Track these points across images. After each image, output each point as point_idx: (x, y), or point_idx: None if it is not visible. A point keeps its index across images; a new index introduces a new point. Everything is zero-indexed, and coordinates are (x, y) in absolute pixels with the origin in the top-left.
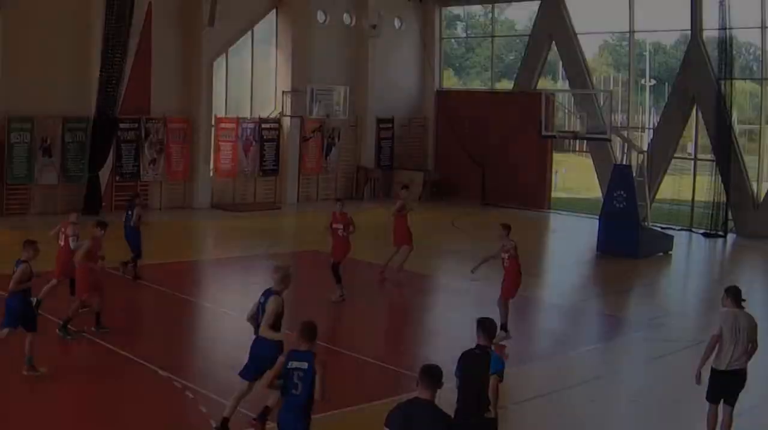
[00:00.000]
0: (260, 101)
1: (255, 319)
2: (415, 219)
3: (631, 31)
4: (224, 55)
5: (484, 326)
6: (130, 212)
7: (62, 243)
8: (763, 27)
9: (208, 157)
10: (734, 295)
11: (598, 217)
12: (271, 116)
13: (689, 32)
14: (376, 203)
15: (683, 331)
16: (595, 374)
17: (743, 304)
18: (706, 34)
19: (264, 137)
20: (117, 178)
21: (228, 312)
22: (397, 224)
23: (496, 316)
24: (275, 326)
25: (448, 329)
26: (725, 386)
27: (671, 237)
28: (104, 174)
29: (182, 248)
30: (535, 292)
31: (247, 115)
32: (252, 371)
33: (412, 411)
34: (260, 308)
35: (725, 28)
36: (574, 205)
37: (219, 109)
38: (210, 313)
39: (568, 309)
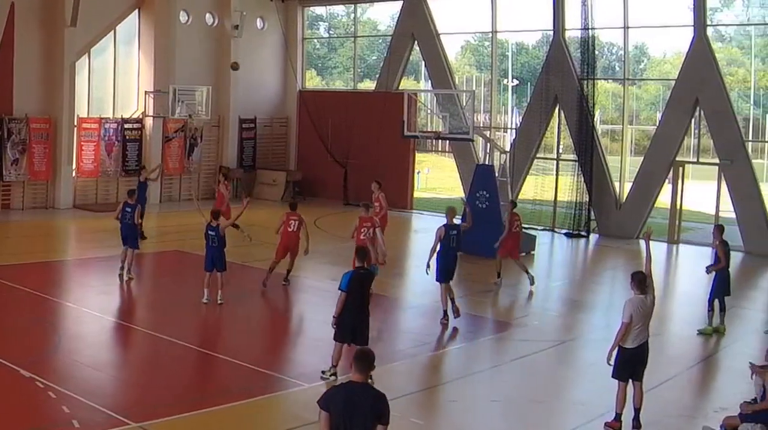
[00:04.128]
0: (123, 101)
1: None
2: (278, 219)
3: (494, 32)
4: (87, 55)
5: (362, 253)
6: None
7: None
8: (625, 27)
9: (70, 158)
10: (639, 281)
11: (460, 217)
12: (133, 116)
13: (552, 32)
14: (238, 203)
15: (544, 331)
16: (457, 374)
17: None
18: (568, 34)
19: (126, 137)
20: None
21: (89, 311)
22: None
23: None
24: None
25: (310, 328)
26: (633, 361)
27: (534, 237)
28: None
29: (44, 249)
30: (397, 292)
31: (110, 115)
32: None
33: (351, 392)
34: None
35: (587, 29)
36: (436, 206)
37: (81, 110)
38: (72, 312)
39: (429, 309)
